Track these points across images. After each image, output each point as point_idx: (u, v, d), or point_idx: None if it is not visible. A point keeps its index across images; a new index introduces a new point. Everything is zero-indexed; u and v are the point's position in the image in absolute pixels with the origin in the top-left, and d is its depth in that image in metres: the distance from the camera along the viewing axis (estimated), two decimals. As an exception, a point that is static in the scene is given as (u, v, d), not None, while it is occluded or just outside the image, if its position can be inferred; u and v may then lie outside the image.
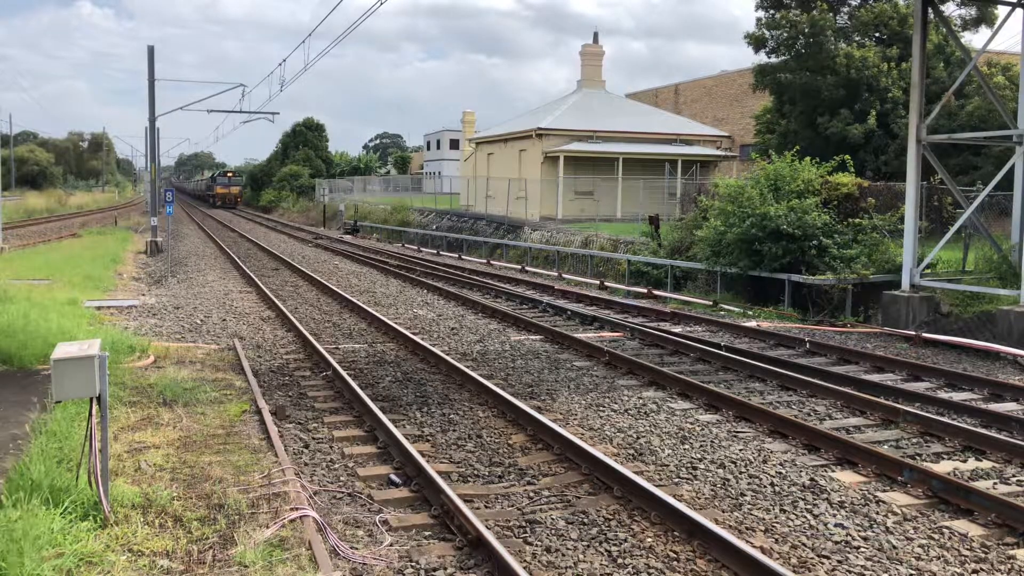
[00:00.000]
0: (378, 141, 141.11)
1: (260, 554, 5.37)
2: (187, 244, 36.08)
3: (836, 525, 6.36)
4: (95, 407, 5.84)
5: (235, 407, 9.07)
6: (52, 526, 5.32)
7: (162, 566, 5.21)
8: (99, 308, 15.86)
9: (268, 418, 8.62)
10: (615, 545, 5.95)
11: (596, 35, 46.46)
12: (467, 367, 11.23)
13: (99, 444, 5.85)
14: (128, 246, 32.34)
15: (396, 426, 8.37)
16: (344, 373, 10.48)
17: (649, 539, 6.05)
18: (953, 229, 16.49)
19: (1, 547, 4.89)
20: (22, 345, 10.37)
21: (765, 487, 7.15)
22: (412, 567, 5.55)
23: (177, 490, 6.48)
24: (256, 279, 21.61)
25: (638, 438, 8.49)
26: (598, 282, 22.77)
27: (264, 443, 7.85)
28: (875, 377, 11.41)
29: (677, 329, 15.18)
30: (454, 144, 75.12)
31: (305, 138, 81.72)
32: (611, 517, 6.45)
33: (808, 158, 19.69)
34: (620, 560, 5.72)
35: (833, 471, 7.61)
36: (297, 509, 6.10)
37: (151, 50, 31.58)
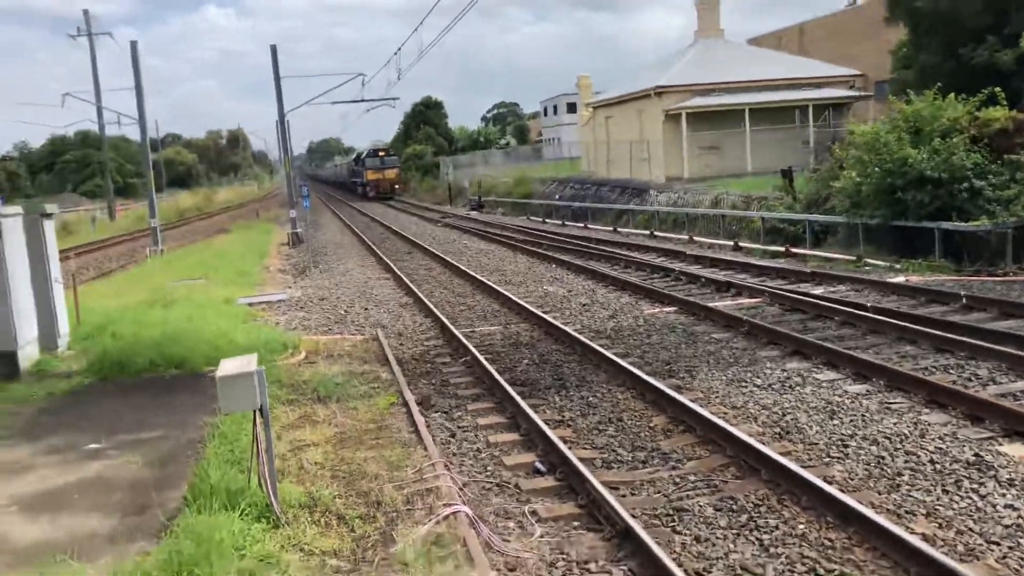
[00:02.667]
0: (496, 111, 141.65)
1: (419, 552, 5.65)
2: (325, 233, 37.70)
3: (1006, 507, 6.00)
4: (258, 417, 6.28)
5: (383, 400, 9.50)
6: (232, 528, 5.78)
7: (332, 565, 5.58)
8: (251, 304, 16.91)
9: (414, 409, 8.98)
10: (766, 533, 5.87)
11: (711, -19, 44.56)
12: (601, 346, 11.25)
13: (265, 447, 6.29)
14: (272, 238, 34.21)
15: (536, 411, 8.52)
16: (482, 358, 10.74)
17: (801, 526, 5.93)
18: None
19: (191, 551, 5.37)
20: (190, 349, 11.24)
21: (924, 465, 6.83)
22: (564, 559, 5.69)
23: (338, 488, 6.88)
24: (392, 264, 22.37)
25: (783, 415, 8.28)
26: (732, 243, 22.15)
27: (413, 436, 8.19)
28: (1043, 333, 10.61)
29: (819, 291, 14.61)
30: (571, 108, 74.33)
31: (425, 117, 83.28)
32: (760, 503, 6.36)
33: (952, 94, 18.31)
34: (772, 549, 5.64)
35: (1000, 444, 7.16)
36: (450, 505, 6.35)
37: (274, 49, 32.85)
